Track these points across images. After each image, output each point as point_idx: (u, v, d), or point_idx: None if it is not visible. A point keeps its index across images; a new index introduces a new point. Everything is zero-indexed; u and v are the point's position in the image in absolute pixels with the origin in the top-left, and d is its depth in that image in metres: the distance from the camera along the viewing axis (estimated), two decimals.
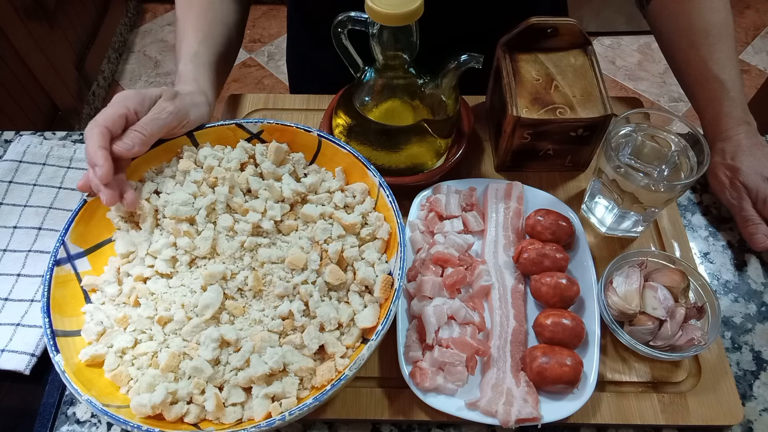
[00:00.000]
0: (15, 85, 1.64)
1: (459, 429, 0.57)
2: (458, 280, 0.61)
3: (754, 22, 2.42)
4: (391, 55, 0.62)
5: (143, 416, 0.49)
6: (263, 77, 2.25)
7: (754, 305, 0.66)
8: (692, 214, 0.74)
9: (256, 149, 0.63)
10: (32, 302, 0.62)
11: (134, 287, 0.56)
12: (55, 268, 0.54)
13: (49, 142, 0.77)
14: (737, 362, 0.62)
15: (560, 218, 0.65)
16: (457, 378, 0.55)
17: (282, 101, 0.83)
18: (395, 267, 0.55)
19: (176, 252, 0.57)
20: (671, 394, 0.58)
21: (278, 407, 0.49)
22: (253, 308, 0.55)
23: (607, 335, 0.61)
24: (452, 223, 0.67)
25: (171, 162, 0.63)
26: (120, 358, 0.53)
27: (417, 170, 0.70)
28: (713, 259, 0.70)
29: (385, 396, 0.58)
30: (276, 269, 0.56)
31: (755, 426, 0.58)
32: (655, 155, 0.63)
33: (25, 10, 1.66)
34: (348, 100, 0.69)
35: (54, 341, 0.50)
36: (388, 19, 0.56)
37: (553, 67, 0.70)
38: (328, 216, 0.60)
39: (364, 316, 0.54)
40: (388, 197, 0.58)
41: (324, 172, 0.64)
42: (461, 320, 0.59)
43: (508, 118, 0.67)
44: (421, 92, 0.67)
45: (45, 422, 0.57)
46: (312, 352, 0.52)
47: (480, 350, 0.56)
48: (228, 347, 0.52)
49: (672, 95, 2.17)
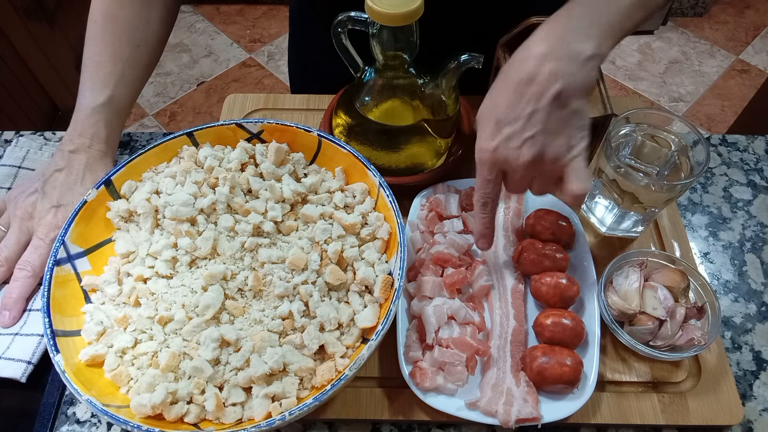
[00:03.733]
0: (15, 85, 1.64)
1: (459, 429, 0.57)
2: (458, 280, 0.61)
3: (754, 22, 2.42)
4: (391, 55, 0.62)
5: (143, 416, 0.49)
6: (263, 77, 2.26)
7: (754, 305, 0.66)
8: (692, 214, 0.74)
9: (256, 149, 0.63)
10: (30, 312, 0.61)
11: (134, 287, 0.56)
12: (55, 268, 0.54)
13: (48, 148, 0.77)
14: (737, 362, 0.62)
15: (560, 218, 0.65)
16: (457, 378, 0.55)
17: (282, 101, 0.83)
18: (395, 267, 0.55)
19: (176, 252, 0.57)
20: (671, 394, 0.58)
21: (278, 407, 0.49)
22: (254, 308, 0.55)
23: (607, 335, 0.61)
24: (452, 223, 0.67)
25: (171, 162, 0.63)
26: (120, 358, 0.53)
27: (417, 170, 0.70)
28: (713, 259, 0.70)
29: (385, 396, 0.58)
30: (276, 269, 0.56)
31: (755, 426, 0.58)
32: (655, 155, 0.63)
33: (25, 10, 1.66)
34: (348, 100, 0.69)
35: (54, 341, 0.50)
36: (388, 19, 0.56)
37: None
38: (328, 216, 0.60)
39: (364, 316, 0.54)
40: (388, 197, 0.58)
41: (324, 172, 0.64)
42: (461, 320, 0.59)
43: None
44: (421, 92, 0.67)
45: (45, 422, 0.57)
46: (312, 352, 0.52)
47: (480, 350, 0.56)
48: (228, 347, 0.52)
49: (672, 95, 2.17)
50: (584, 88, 0.50)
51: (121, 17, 0.69)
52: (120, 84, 0.68)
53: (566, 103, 0.50)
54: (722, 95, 2.17)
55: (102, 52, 0.68)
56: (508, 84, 0.51)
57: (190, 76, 2.26)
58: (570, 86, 0.49)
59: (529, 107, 0.50)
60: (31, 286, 0.61)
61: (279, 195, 0.60)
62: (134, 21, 0.69)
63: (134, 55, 0.70)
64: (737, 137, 0.81)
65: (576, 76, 0.49)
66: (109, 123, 0.68)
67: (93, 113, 0.67)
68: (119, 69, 0.68)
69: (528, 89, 0.50)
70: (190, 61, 2.32)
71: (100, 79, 0.67)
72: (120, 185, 0.61)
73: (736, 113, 2.00)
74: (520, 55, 0.52)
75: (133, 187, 0.61)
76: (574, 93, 0.50)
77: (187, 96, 2.19)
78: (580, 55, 0.49)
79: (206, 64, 2.30)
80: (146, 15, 0.70)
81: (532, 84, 0.50)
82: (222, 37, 2.41)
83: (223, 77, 2.26)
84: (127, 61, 0.69)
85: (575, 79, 0.49)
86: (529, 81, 0.50)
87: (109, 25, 0.69)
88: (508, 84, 0.51)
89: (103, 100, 0.67)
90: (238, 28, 2.44)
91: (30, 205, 0.63)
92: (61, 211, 0.62)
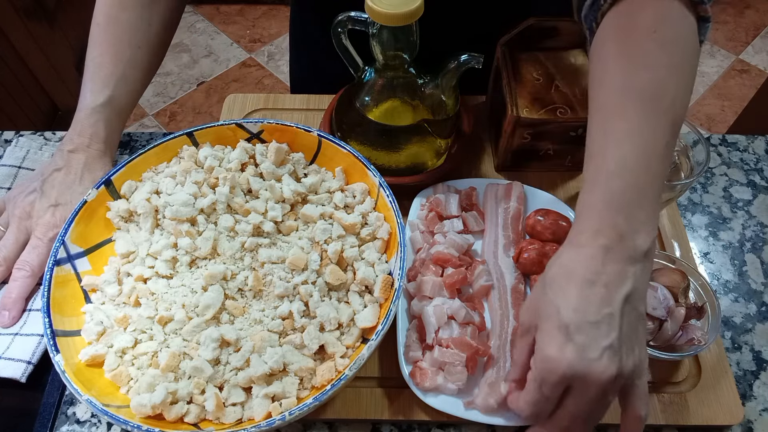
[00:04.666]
0: (15, 85, 1.64)
1: (459, 429, 0.57)
2: (458, 280, 0.61)
3: (754, 22, 2.42)
4: (391, 55, 0.62)
5: (143, 416, 0.49)
6: (263, 77, 2.26)
7: (754, 305, 0.66)
8: (692, 214, 0.74)
9: (256, 149, 0.63)
10: (30, 312, 0.61)
11: (134, 287, 0.56)
12: (55, 268, 0.54)
13: (48, 148, 0.77)
14: (737, 362, 0.62)
15: (560, 218, 0.65)
16: (457, 378, 0.55)
17: (282, 101, 0.83)
18: (395, 267, 0.55)
19: (176, 252, 0.57)
20: (671, 394, 0.58)
21: (278, 407, 0.49)
22: (254, 308, 0.55)
23: None
24: (452, 223, 0.67)
25: (171, 162, 0.63)
26: (120, 358, 0.53)
27: (417, 170, 0.70)
28: (713, 259, 0.70)
29: (385, 396, 0.58)
30: (276, 269, 0.56)
31: (755, 426, 0.58)
32: None
33: (25, 10, 1.66)
34: (348, 100, 0.69)
35: (54, 341, 0.50)
36: (388, 19, 0.56)
37: (553, 67, 0.70)
38: (328, 216, 0.60)
39: (364, 316, 0.54)
40: (388, 197, 0.58)
41: (324, 172, 0.64)
42: (461, 320, 0.59)
43: (508, 118, 0.67)
44: (421, 92, 0.67)
45: (45, 422, 0.57)
46: (312, 352, 0.52)
47: (480, 350, 0.56)
48: (228, 347, 0.52)
49: None
50: (647, 288, 0.46)
51: (123, 19, 0.69)
52: (120, 85, 0.68)
53: (635, 307, 0.45)
54: (722, 95, 2.17)
55: (103, 54, 0.68)
56: (569, 280, 0.45)
57: (190, 76, 2.26)
58: (637, 289, 0.44)
59: (605, 310, 0.43)
60: (30, 285, 0.61)
61: (279, 195, 0.60)
62: (136, 23, 0.70)
63: (135, 56, 0.70)
64: (737, 137, 0.81)
65: (639, 277, 0.45)
66: (109, 123, 0.68)
67: (92, 113, 0.67)
68: (120, 70, 0.68)
69: (594, 290, 0.44)
70: (190, 61, 2.32)
71: (100, 79, 0.68)
72: (120, 185, 0.61)
73: (736, 113, 2.00)
74: (572, 241, 0.47)
75: (133, 187, 0.61)
76: (641, 296, 0.45)
77: (187, 96, 2.19)
78: (638, 251, 0.45)
79: (206, 64, 2.30)
80: (148, 17, 0.71)
81: (598, 285, 0.44)
82: (222, 37, 2.41)
83: (223, 77, 2.26)
84: (128, 62, 0.69)
85: (639, 279, 0.45)
86: (593, 281, 0.44)
87: (111, 27, 0.69)
88: (570, 280, 0.45)
89: (102, 100, 0.67)
90: (238, 28, 2.44)
91: (28, 205, 0.63)
92: (59, 210, 0.62)
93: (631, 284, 0.44)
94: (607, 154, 0.47)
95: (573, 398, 0.44)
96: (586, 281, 0.44)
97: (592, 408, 0.44)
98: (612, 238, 0.45)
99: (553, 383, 0.44)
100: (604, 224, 0.45)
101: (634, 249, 0.45)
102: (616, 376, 0.43)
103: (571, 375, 0.43)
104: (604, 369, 0.42)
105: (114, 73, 0.68)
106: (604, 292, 0.44)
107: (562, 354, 0.43)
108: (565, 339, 0.43)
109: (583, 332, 0.43)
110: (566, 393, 0.45)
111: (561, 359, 0.43)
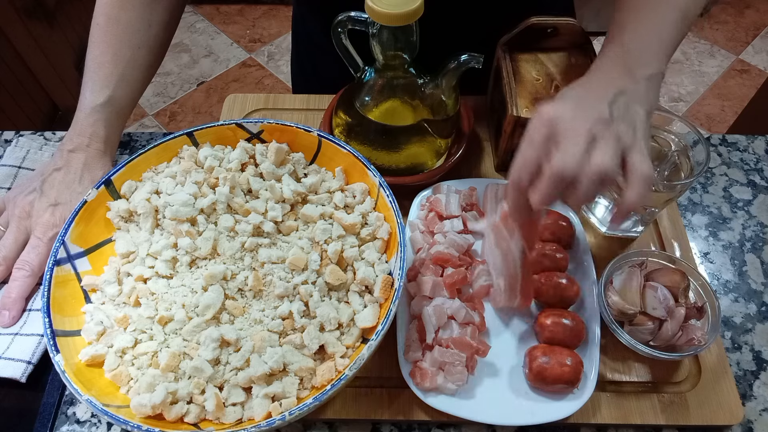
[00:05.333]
0: (15, 85, 1.64)
1: (459, 429, 0.57)
2: (458, 280, 0.61)
3: (754, 22, 2.42)
4: (391, 55, 0.62)
5: (143, 416, 0.49)
6: (263, 77, 2.26)
7: (754, 305, 0.66)
8: (692, 214, 0.74)
9: (256, 149, 0.63)
10: (30, 312, 0.61)
11: (134, 287, 0.56)
12: (55, 268, 0.54)
13: (48, 148, 0.77)
14: (737, 362, 0.62)
15: (560, 218, 0.65)
16: (457, 378, 0.55)
17: (282, 101, 0.83)
18: (395, 267, 0.55)
19: (177, 253, 0.57)
20: (671, 394, 0.58)
21: (278, 407, 0.49)
22: (254, 308, 0.55)
23: (607, 335, 0.61)
24: (452, 223, 0.67)
25: (171, 162, 0.63)
26: (120, 358, 0.53)
27: (417, 170, 0.70)
28: (713, 259, 0.70)
29: (385, 396, 0.58)
30: (276, 269, 0.56)
31: (755, 426, 0.58)
32: (655, 155, 0.63)
33: (25, 10, 1.66)
34: (348, 100, 0.69)
35: (54, 341, 0.50)
36: (388, 19, 0.56)
37: (553, 67, 0.70)
38: (328, 216, 0.60)
39: (364, 316, 0.54)
40: (388, 197, 0.58)
41: (324, 172, 0.64)
42: (461, 320, 0.59)
43: (508, 118, 0.67)
44: (421, 92, 0.67)
45: (45, 422, 0.57)
46: (312, 352, 0.52)
47: (480, 350, 0.56)
48: (228, 347, 0.52)
49: (672, 95, 2.17)
50: (649, 102, 0.51)
51: (123, 20, 0.69)
52: (120, 85, 0.68)
53: (631, 104, 0.49)
54: (722, 95, 2.17)
55: (103, 54, 0.69)
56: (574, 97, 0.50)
57: (190, 76, 2.26)
58: (637, 91, 0.50)
59: (600, 92, 0.49)
60: (30, 285, 0.61)
61: (279, 195, 0.60)
62: (136, 24, 0.70)
63: (135, 56, 0.70)
64: (737, 137, 0.81)
65: (641, 89, 0.50)
66: (108, 123, 0.68)
67: (92, 113, 0.67)
68: (119, 70, 0.68)
69: (591, 83, 0.52)
70: (190, 61, 2.32)
71: (100, 80, 0.68)
72: (120, 185, 0.61)
73: (736, 113, 2.00)
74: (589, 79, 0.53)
75: (133, 187, 0.61)
76: (640, 100, 0.50)
77: (187, 96, 2.19)
78: (642, 73, 0.51)
79: (206, 64, 2.30)
80: (148, 18, 0.71)
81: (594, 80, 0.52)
82: (222, 37, 2.41)
83: (223, 77, 2.26)
84: (128, 62, 0.69)
85: (640, 90, 0.50)
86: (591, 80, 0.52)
87: (111, 27, 0.69)
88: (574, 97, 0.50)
89: (102, 100, 0.67)
90: (238, 28, 2.44)
91: (28, 204, 0.63)
92: (58, 209, 0.62)
93: (631, 87, 0.49)
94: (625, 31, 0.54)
95: (560, 152, 0.45)
96: (586, 79, 0.52)
97: (578, 162, 0.45)
98: (619, 64, 0.51)
99: (538, 128, 0.47)
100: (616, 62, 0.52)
101: (639, 69, 0.51)
102: (604, 124, 0.46)
103: (558, 117, 0.46)
104: (596, 115, 0.46)
105: (114, 73, 0.68)
106: (602, 83, 0.50)
107: (551, 106, 0.47)
108: (558, 100, 0.49)
109: (574, 97, 0.48)
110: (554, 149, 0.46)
111: (550, 108, 0.47)
